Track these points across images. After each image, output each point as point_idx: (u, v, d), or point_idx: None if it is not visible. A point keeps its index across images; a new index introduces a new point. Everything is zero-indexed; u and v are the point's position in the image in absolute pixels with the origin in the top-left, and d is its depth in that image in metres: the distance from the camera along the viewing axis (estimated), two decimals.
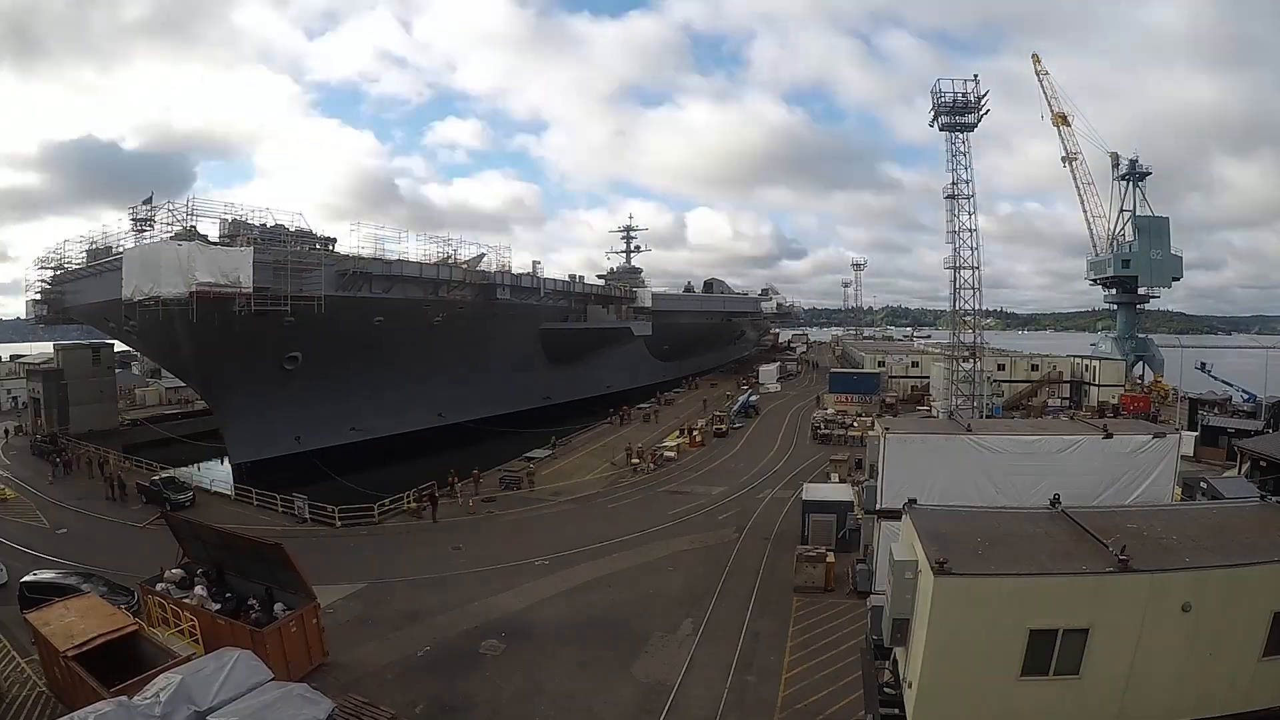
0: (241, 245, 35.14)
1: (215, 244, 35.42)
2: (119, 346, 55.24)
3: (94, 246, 41.52)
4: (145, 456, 43.99)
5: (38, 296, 45.87)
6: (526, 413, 57.36)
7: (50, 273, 45.26)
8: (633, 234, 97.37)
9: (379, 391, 46.33)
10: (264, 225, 38.82)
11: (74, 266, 43.06)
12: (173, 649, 15.77)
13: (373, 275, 40.82)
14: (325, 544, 27.80)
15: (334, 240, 42.96)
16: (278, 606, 17.77)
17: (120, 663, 14.90)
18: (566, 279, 64.53)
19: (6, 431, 51.52)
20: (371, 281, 40.90)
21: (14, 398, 63.21)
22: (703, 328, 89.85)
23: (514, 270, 53.54)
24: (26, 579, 21.19)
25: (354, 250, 42.33)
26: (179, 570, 20.22)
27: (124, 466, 40.53)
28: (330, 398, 43.61)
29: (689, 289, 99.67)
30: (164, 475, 36.24)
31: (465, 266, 49.01)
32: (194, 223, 36.59)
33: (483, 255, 52.04)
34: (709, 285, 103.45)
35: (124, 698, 12.30)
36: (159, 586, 19.27)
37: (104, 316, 42.50)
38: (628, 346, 69.84)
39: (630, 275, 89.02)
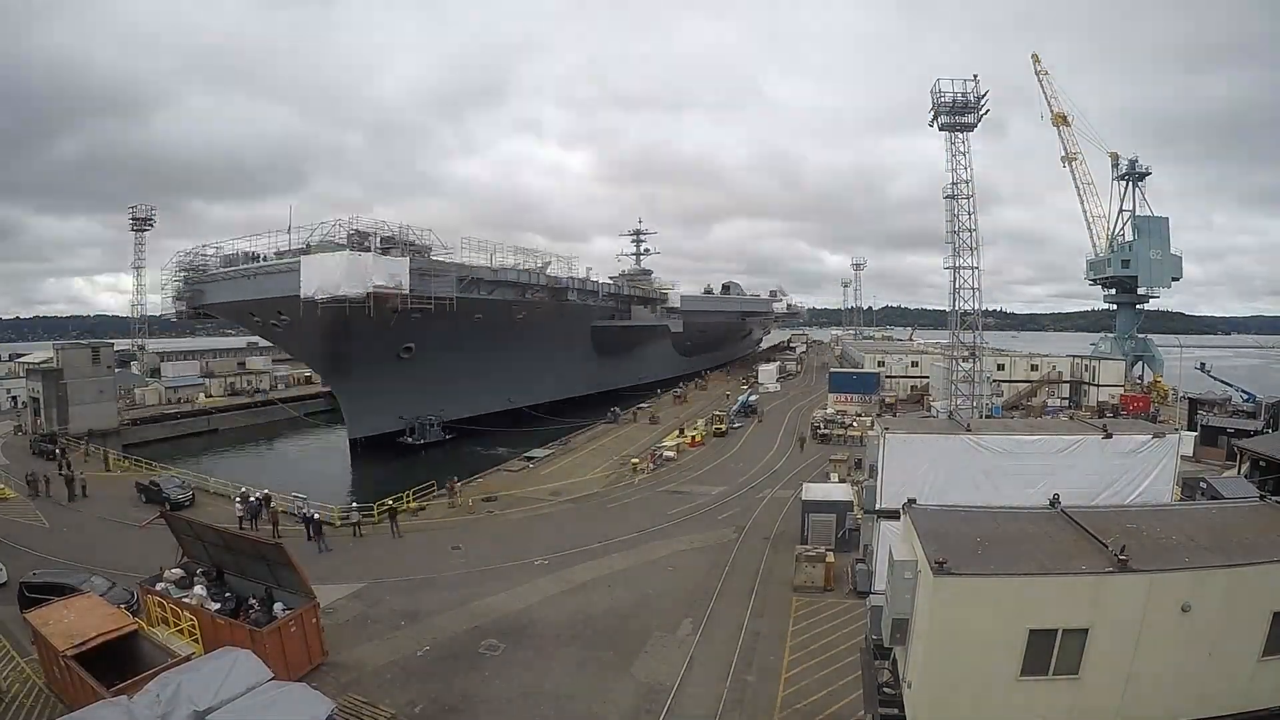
0: (384, 254, 42.21)
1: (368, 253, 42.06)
2: (118, 346, 55.85)
3: (232, 253, 48.75)
4: (148, 456, 44.03)
5: (174, 295, 50.39)
6: (576, 399, 66.98)
7: (186, 273, 49.90)
8: (642, 237, 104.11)
9: (465, 378, 54.68)
10: (382, 235, 44.36)
11: (211, 269, 49.49)
12: (172, 649, 15.78)
13: (482, 280, 49.59)
14: (325, 543, 27.77)
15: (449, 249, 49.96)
16: (277, 606, 17.76)
17: (120, 663, 14.91)
18: (611, 282, 75.19)
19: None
20: (480, 285, 49.37)
21: (13, 397, 63.16)
22: (720, 326, 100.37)
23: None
24: (26, 579, 21.21)
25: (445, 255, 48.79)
26: (179, 570, 20.23)
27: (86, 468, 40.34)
28: (430, 383, 51.67)
29: (709, 291, 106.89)
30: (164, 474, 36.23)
31: (544, 272, 57.48)
32: (361, 232, 43.13)
33: (549, 263, 58.95)
34: (726, 287, 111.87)
35: (123, 697, 12.29)
36: (159, 586, 19.27)
37: (249, 312, 48.50)
38: (658, 342, 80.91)
39: (641, 276, 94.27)
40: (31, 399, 52.74)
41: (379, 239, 42.88)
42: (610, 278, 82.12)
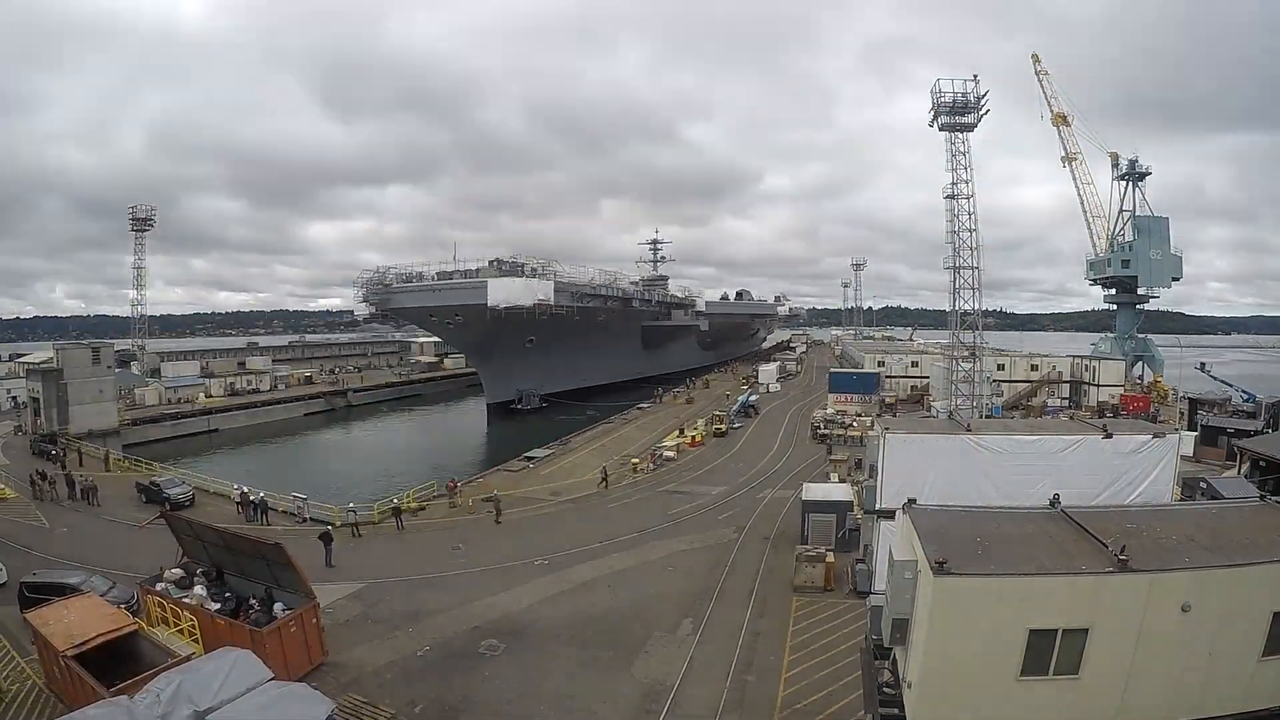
0: (530, 276, 63.32)
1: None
2: (118, 346, 56.36)
3: (410, 273, 68.80)
4: (149, 456, 44.02)
5: (362, 299, 68.23)
6: (628, 382, 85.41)
7: (371, 285, 68.31)
8: (658, 246, 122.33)
9: (560, 362, 74.16)
10: (506, 260, 65.86)
11: (393, 285, 68.12)
12: (172, 649, 15.77)
13: (587, 293, 72.34)
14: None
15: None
16: (277, 606, 17.77)
17: (120, 662, 14.90)
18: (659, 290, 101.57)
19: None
20: (583, 296, 71.08)
21: (13, 397, 63.15)
22: (734, 326, 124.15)
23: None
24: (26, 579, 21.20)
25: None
26: (179, 570, 20.22)
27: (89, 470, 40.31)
28: (539, 365, 71.35)
29: (725, 297, 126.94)
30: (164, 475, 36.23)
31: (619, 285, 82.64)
32: (518, 259, 66.18)
33: (617, 275, 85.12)
34: (740, 294, 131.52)
35: (123, 697, 12.28)
36: (159, 586, 19.26)
37: (429, 314, 67.38)
38: (687, 338, 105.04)
39: (658, 280, 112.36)
40: (31, 399, 52.68)
41: (528, 267, 64.98)
42: (632, 281, 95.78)
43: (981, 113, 40.15)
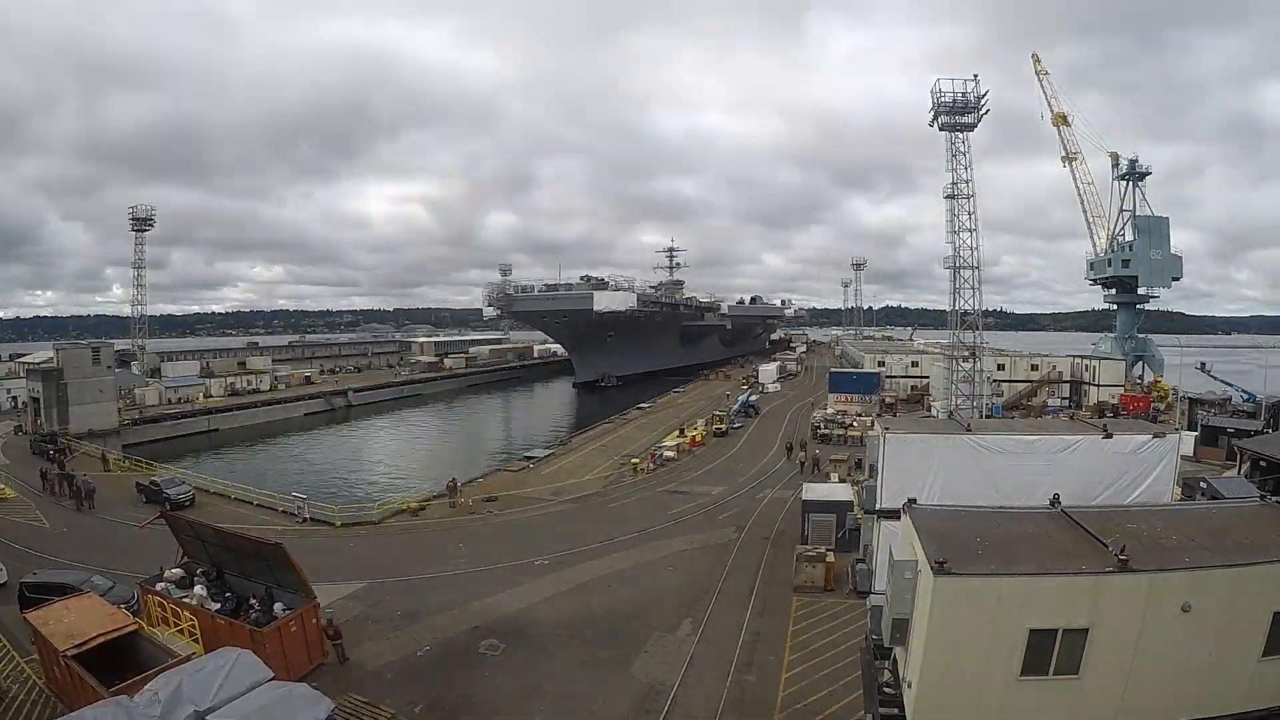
0: (615, 290, 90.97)
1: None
2: (118, 346, 56.26)
3: (528, 284, 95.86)
4: (149, 456, 43.99)
5: (488, 304, 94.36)
6: (670, 369, 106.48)
7: (497, 293, 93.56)
8: (675, 254, 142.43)
9: (628, 352, 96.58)
10: (593, 276, 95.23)
11: (515, 293, 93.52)
12: (172, 649, 15.74)
13: (651, 300, 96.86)
14: (325, 544, 27.80)
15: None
16: (278, 606, 17.76)
17: (120, 662, 14.88)
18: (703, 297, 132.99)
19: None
20: (647, 302, 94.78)
21: (13, 397, 63.15)
22: (748, 326, 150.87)
23: None
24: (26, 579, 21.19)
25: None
26: (179, 570, 20.21)
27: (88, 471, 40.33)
28: (614, 354, 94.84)
29: (740, 301, 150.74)
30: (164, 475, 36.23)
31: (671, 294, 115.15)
32: (602, 276, 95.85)
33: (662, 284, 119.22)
34: (754, 299, 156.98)
35: (124, 697, 12.27)
36: (159, 586, 19.26)
37: (541, 316, 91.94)
38: (712, 336, 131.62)
39: (674, 286, 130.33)
40: (31, 399, 52.71)
41: (612, 283, 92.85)
42: (651, 286, 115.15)
43: (981, 112, 40.18)
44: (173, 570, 20.12)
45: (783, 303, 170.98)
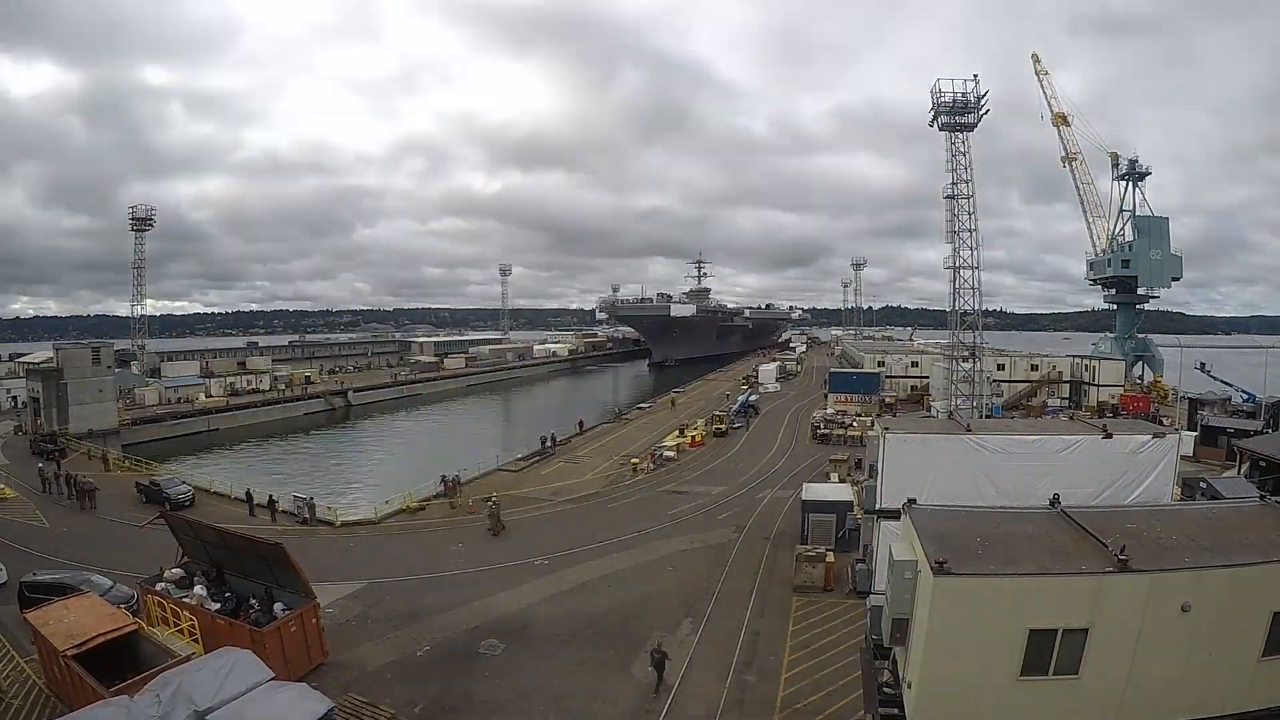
0: (679, 302, 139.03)
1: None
2: (118, 346, 56.24)
3: (628, 298, 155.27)
4: (149, 456, 43.95)
5: (599, 310, 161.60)
6: (707, 356, 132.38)
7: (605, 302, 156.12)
8: (702, 264, 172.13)
9: (681, 343, 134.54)
10: (667, 294, 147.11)
11: (625, 298, 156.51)
12: (172, 649, 15.75)
13: (704, 308, 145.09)
14: (325, 544, 27.81)
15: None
16: (277, 606, 17.76)
17: (120, 662, 14.88)
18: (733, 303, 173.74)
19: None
20: (697, 309, 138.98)
21: (13, 397, 63.15)
22: (763, 326, 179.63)
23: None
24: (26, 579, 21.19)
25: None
26: (179, 570, 20.21)
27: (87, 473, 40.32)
28: (674, 343, 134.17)
29: (757, 308, 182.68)
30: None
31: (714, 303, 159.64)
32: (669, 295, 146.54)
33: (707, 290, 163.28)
34: (768, 306, 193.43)
35: (124, 697, 12.28)
36: (159, 586, 19.25)
37: (638, 319, 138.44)
38: (736, 334, 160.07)
39: (702, 292, 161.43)
40: (31, 399, 52.73)
41: (680, 296, 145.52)
42: (684, 293, 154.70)
43: (981, 112, 40.18)
44: (173, 570, 20.12)
45: (790, 308, 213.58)
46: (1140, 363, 73.90)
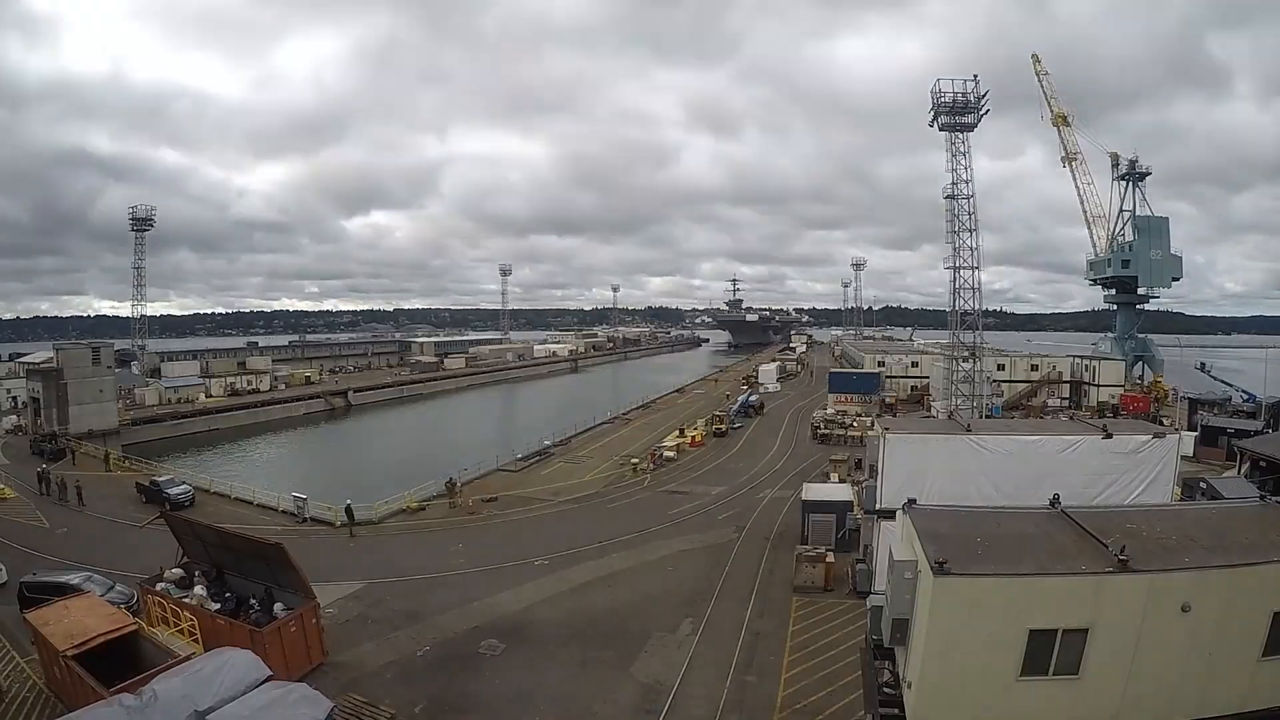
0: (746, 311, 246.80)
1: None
2: (118, 346, 56.32)
3: (720, 306, 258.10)
4: (149, 455, 43.91)
5: (707, 314, 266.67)
6: (752, 343, 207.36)
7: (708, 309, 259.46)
8: (736, 281, 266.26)
9: (744, 336, 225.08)
10: (739, 303, 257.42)
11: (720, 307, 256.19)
12: (172, 649, 15.75)
13: (752, 311, 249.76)
14: (325, 544, 27.81)
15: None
16: (277, 606, 17.76)
17: (120, 662, 14.87)
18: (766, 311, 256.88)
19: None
20: (746, 314, 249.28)
21: (13, 397, 63.13)
22: (781, 324, 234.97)
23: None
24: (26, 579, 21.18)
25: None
26: (179, 570, 20.20)
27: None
28: (740, 336, 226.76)
29: (782, 311, 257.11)
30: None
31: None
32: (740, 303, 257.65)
33: (740, 301, 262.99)
34: (783, 310, 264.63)
35: (124, 697, 12.27)
36: (159, 586, 19.25)
37: (730, 321, 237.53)
38: (769, 330, 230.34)
39: (736, 304, 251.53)
40: (31, 399, 52.69)
41: (747, 307, 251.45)
42: (725, 303, 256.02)
43: (981, 112, 40.20)
44: (173, 570, 20.11)
45: (798, 311, 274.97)
46: (1140, 363, 73.91)
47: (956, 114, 40.14)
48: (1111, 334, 77.40)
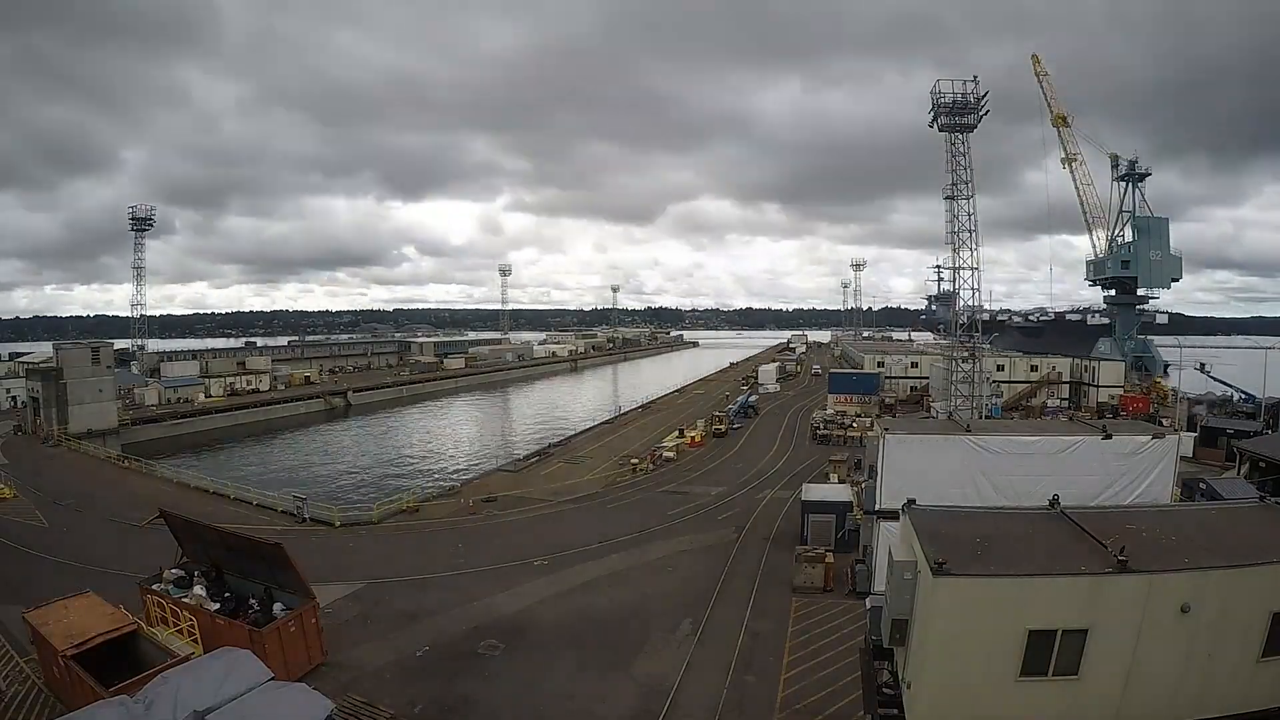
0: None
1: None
2: (118, 346, 56.43)
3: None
4: (148, 455, 43.88)
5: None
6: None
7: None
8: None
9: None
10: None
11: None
12: (172, 649, 15.74)
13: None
14: (325, 544, 27.80)
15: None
16: (277, 606, 17.75)
17: (119, 662, 14.88)
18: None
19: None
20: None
21: (13, 397, 63.11)
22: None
23: None
24: None
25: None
26: (178, 570, 20.18)
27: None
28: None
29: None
30: None
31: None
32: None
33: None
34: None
35: (123, 697, 12.26)
36: (158, 586, 19.23)
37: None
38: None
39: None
40: (31, 399, 52.69)
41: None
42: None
43: (981, 113, 40.21)
44: (172, 570, 20.09)
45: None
46: (1140, 363, 73.94)
47: (956, 115, 40.14)
48: (1111, 335, 77.41)
